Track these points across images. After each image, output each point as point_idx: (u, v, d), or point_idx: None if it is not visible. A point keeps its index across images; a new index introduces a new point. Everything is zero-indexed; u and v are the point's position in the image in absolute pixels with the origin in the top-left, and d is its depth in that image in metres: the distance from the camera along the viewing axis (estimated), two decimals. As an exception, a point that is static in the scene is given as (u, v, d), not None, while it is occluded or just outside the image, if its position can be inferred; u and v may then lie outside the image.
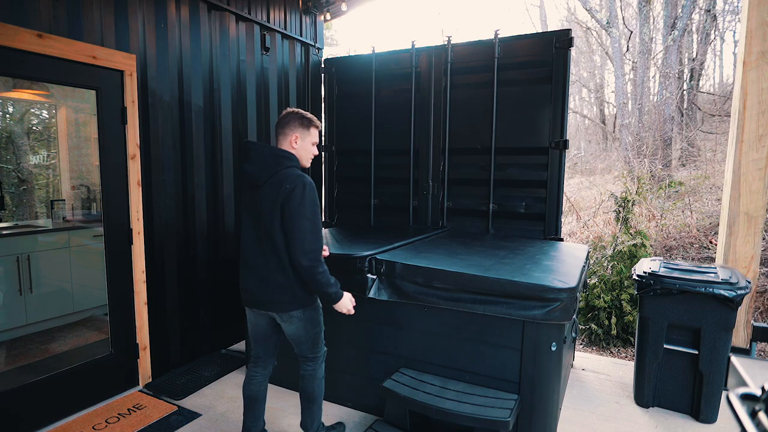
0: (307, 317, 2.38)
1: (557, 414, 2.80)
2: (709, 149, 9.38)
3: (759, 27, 3.49)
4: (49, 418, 2.90)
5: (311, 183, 2.26)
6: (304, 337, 2.42)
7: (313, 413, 2.55)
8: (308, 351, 2.48)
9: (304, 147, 2.40)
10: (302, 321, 2.37)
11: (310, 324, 2.41)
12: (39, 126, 5.09)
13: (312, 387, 2.51)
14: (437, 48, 4.49)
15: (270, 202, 2.24)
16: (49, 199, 4.84)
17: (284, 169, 2.27)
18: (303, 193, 2.19)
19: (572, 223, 8.17)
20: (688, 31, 10.38)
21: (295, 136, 2.36)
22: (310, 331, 2.42)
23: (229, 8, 3.98)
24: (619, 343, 4.59)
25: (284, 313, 2.33)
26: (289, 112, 2.40)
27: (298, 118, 2.37)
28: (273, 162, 2.28)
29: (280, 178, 2.24)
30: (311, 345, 2.47)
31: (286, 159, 2.30)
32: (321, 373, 2.54)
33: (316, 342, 2.48)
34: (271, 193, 2.24)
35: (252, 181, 2.31)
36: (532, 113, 4.09)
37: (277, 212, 2.22)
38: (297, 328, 2.38)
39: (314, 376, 2.51)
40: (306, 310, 2.36)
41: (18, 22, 2.56)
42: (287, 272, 2.27)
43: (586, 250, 3.60)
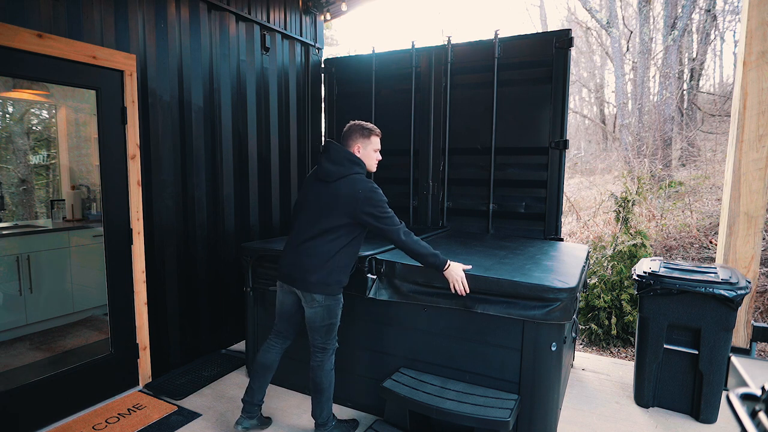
0: (327, 305, 2.58)
1: (557, 414, 2.80)
2: (709, 149, 9.38)
3: (759, 27, 3.49)
4: (49, 418, 2.90)
5: (376, 187, 2.57)
6: (319, 323, 2.60)
7: (321, 404, 2.69)
8: (320, 340, 2.64)
9: (366, 154, 2.70)
10: (322, 307, 2.57)
11: (327, 313, 2.59)
12: (39, 126, 5.09)
13: (320, 377, 2.65)
14: (437, 48, 4.49)
15: (340, 198, 2.51)
16: (49, 199, 4.84)
17: (354, 174, 2.58)
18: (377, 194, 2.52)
19: (572, 223, 8.18)
20: (688, 31, 10.38)
21: (357, 145, 2.66)
22: (326, 320, 2.61)
23: (229, 8, 3.98)
24: (619, 343, 4.59)
25: (308, 294, 2.55)
26: (352, 124, 2.71)
27: (359, 129, 2.68)
28: (348, 165, 2.59)
29: (351, 181, 2.54)
30: (324, 334, 2.63)
31: (357, 165, 2.61)
32: (329, 365, 2.68)
33: (329, 333, 2.64)
34: (343, 191, 2.52)
35: (323, 177, 2.60)
36: (532, 113, 4.09)
37: (345, 209, 2.50)
38: (315, 312, 2.58)
39: (322, 367, 2.65)
40: (327, 298, 2.57)
41: (18, 22, 2.56)
42: (325, 260, 2.52)
43: (586, 250, 3.60)
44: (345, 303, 3.07)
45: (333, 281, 2.55)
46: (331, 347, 2.68)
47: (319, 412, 2.71)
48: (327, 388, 2.68)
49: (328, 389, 2.69)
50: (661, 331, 3.06)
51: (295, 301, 2.70)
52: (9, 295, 3.95)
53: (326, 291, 2.55)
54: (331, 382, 2.69)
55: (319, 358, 2.66)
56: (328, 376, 2.67)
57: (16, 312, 3.97)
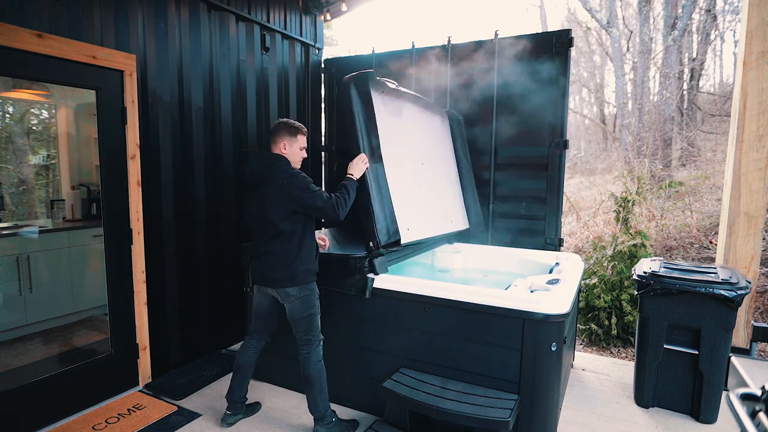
0: (303, 297, 2.72)
1: (557, 414, 2.80)
2: (709, 149, 9.38)
3: (759, 27, 3.49)
4: (49, 418, 2.89)
5: (298, 171, 2.71)
6: (299, 316, 2.73)
7: (315, 396, 2.76)
8: (303, 333, 2.76)
9: (293, 152, 2.79)
10: (298, 299, 2.71)
11: (304, 304, 2.73)
12: (39, 126, 5.09)
13: (309, 370, 2.75)
14: (437, 48, 4.48)
15: (269, 197, 2.63)
16: (49, 199, 4.84)
17: (276, 169, 2.68)
18: (298, 178, 2.64)
19: (572, 223, 8.18)
20: (688, 31, 10.37)
21: (284, 143, 2.75)
22: (305, 311, 2.74)
23: (229, 8, 3.98)
24: (619, 343, 4.59)
25: (282, 290, 2.70)
26: (279, 122, 2.81)
27: (286, 126, 2.78)
28: (268, 165, 2.71)
29: (274, 177, 2.65)
30: (306, 326, 2.75)
31: (278, 161, 2.71)
32: (316, 356, 2.76)
33: (311, 324, 2.76)
34: (269, 190, 2.64)
35: (253, 185, 2.74)
36: (532, 113, 4.09)
37: (278, 203, 2.62)
38: (293, 306, 2.72)
39: (309, 359, 2.75)
40: (301, 289, 2.71)
41: (18, 22, 2.56)
42: (287, 257, 2.66)
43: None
44: (345, 303, 3.08)
45: (301, 272, 2.69)
46: (316, 339, 2.77)
47: (315, 405, 2.77)
48: (318, 380, 2.75)
49: (319, 380, 2.76)
50: (661, 331, 3.06)
51: (271, 302, 2.85)
52: (9, 295, 3.95)
53: (297, 282, 2.69)
54: (320, 373, 2.76)
55: (306, 351, 2.76)
56: (316, 367, 2.75)
57: (16, 312, 3.97)
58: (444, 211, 3.77)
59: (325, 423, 2.78)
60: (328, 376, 2.79)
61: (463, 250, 4.11)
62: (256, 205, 2.71)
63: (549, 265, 3.56)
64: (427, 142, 3.76)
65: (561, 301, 2.55)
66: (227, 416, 2.94)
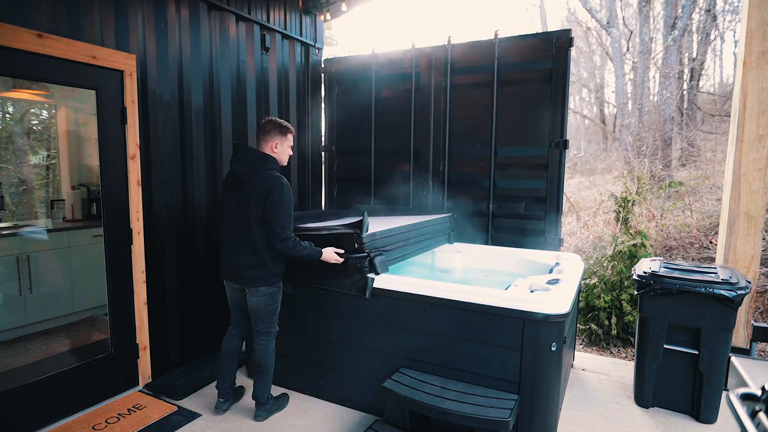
0: (270, 293, 2.85)
1: (557, 414, 2.80)
2: (709, 149, 9.38)
3: (759, 27, 3.49)
4: (49, 418, 2.89)
5: (287, 184, 2.74)
6: (262, 310, 2.87)
7: (264, 383, 2.97)
8: (264, 325, 2.91)
9: (282, 151, 2.86)
10: (266, 296, 2.84)
11: (270, 300, 2.87)
12: (39, 126, 5.09)
13: (264, 359, 2.92)
14: (437, 48, 4.48)
15: (253, 197, 2.69)
16: (49, 199, 4.84)
17: (266, 170, 2.72)
18: (281, 192, 2.68)
19: (572, 223, 8.18)
20: (688, 31, 10.37)
21: (275, 142, 2.81)
22: (269, 306, 2.88)
23: (229, 8, 3.98)
24: (619, 343, 4.59)
25: (253, 288, 2.81)
26: (269, 121, 2.84)
27: (277, 126, 2.82)
28: (257, 163, 2.74)
29: (262, 178, 2.69)
30: (267, 319, 2.90)
31: (267, 161, 2.76)
32: (272, 347, 2.96)
33: (272, 318, 2.92)
34: (254, 189, 2.69)
35: (238, 178, 2.77)
36: (532, 113, 4.09)
37: (257, 205, 2.68)
38: (259, 300, 2.85)
39: (266, 349, 2.93)
40: (271, 287, 2.84)
41: (18, 22, 2.56)
42: (259, 254, 2.76)
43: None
44: (345, 303, 3.08)
45: (273, 273, 2.82)
46: (273, 331, 2.96)
47: (262, 392, 2.97)
48: (270, 369, 2.96)
49: (271, 369, 2.97)
50: (661, 331, 3.06)
51: (241, 295, 2.97)
52: (9, 295, 3.95)
53: (270, 282, 2.82)
54: (272, 363, 2.97)
55: (264, 341, 2.92)
56: (271, 357, 2.95)
57: (16, 312, 3.97)
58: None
59: (266, 408, 3.00)
60: (329, 376, 2.80)
61: (463, 250, 4.11)
62: (237, 202, 2.76)
63: (549, 265, 3.56)
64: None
65: (561, 301, 2.55)
66: (220, 403, 3.07)
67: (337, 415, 3.07)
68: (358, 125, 4.93)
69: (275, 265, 2.83)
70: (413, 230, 3.58)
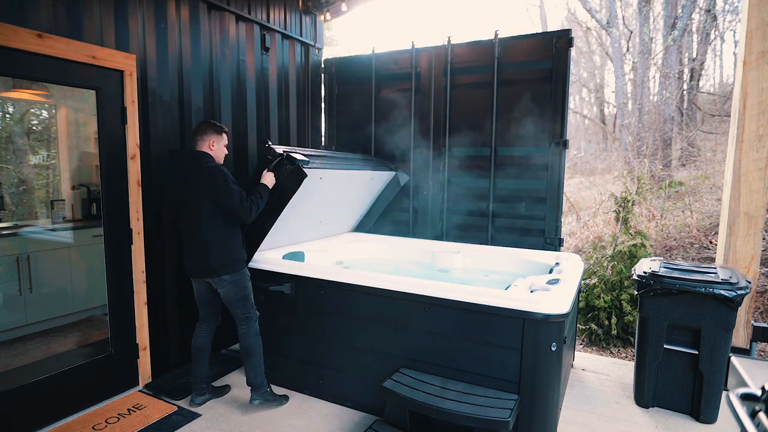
0: (235, 281, 2.99)
1: (557, 414, 2.80)
2: (709, 149, 9.38)
3: (759, 27, 3.49)
4: (49, 418, 2.90)
5: (223, 167, 2.93)
6: (234, 298, 3.01)
7: (254, 367, 3.08)
8: (240, 312, 3.05)
9: (219, 149, 3.03)
10: (231, 284, 2.98)
11: (238, 287, 3.01)
12: (39, 126, 5.09)
13: (248, 343, 3.06)
14: (437, 48, 4.48)
15: (198, 191, 2.85)
16: (49, 199, 4.83)
17: (203, 163, 2.89)
18: (223, 174, 2.86)
19: (572, 223, 8.18)
20: (688, 31, 10.37)
21: (212, 141, 2.98)
22: (239, 293, 3.02)
23: (229, 8, 3.98)
24: (619, 343, 4.59)
25: (217, 278, 2.95)
26: (205, 122, 3.02)
27: (213, 126, 3.00)
28: (197, 161, 2.90)
29: (203, 171, 2.86)
30: (242, 305, 3.04)
31: (205, 157, 2.92)
32: (254, 330, 3.10)
33: (246, 302, 3.06)
34: (200, 182, 2.85)
35: (183, 178, 2.92)
36: (532, 113, 4.09)
37: (205, 195, 2.84)
38: (227, 290, 2.99)
39: (249, 333, 3.07)
40: (234, 275, 2.97)
41: (18, 22, 2.56)
42: (217, 246, 2.91)
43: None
44: (345, 303, 3.08)
45: (233, 260, 2.96)
46: (253, 315, 3.09)
47: (254, 376, 3.08)
48: (257, 352, 3.08)
49: (258, 353, 3.08)
50: (661, 331, 3.06)
51: (208, 289, 3.08)
52: (9, 295, 3.95)
53: (231, 270, 2.95)
54: (259, 345, 3.09)
55: (245, 326, 3.07)
56: (255, 340, 3.08)
57: (16, 312, 3.97)
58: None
59: (261, 392, 3.09)
60: (329, 376, 2.79)
61: (463, 250, 4.11)
62: (186, 200, 2.91)
63: (549, 265, 3.56)
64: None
65: (561, 301, 2.55)
66: (194, 397, 3.17)
67: (337, 415, 3.08)
68: (358, 125, 4.93)
69: (235, 251, 2.98)
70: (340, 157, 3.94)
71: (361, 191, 4.44)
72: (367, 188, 4.46)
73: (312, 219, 4.03)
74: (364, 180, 4.25)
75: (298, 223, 3.81)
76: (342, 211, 4.46)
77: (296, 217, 3.69)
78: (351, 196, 4.35)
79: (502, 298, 2.58)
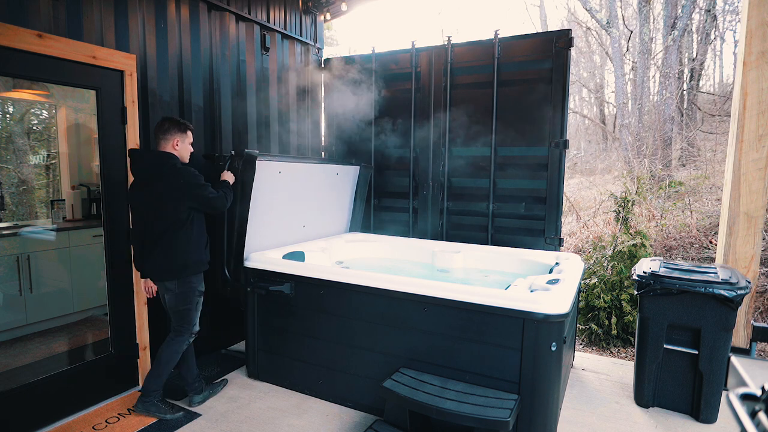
0: (181, 291, 2.89)
1: (557, 414, 2.80)
2: (709, 149, 9.38)
3: (759, 27, 3.49)
4: (49, 418, 2.89)
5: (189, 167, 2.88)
6: (175, 308, 2.93)
7: (152, 374, 2.94)
8: (177, 323, 2.96)
9: (184, 148, 2.94)
10: (175, 293, 2.89)
11: (181, 299, 2.91)
12: (39, 126, 5.09)
13: (163, 351, 2.94)
14: (437, 48, 4.49)
15: (166, 192, 2.77)
16: (49, 199, 4.84)
17: (169, 166, 2.80)
18: (191, 174, 2.81)
19: (572, 223, 8.17)
20: (688, 31, 10.37)
21: (176, 140, 2.88)
22: (181, 306, 2.92)
23: (229, 8, 3.98)
24: (619, 343, 4.59)
25: (161, 282, 2.91)
26: (167, 119, 2.90)
27: (176, 124, 2.89)
28: (162, 161, 2.82)
29: (167, 173, 2.78)
30: (180, 318, 2.94)
31: (169, 159, 2.83)
32: (175, 347, 2.95)
33: (184, 318, 2.94)
34: (162, 185, 2.77)
35: (145, 179, 2.82)
36: (532, 113, 4.09)
37: (170, 199, 2.77)
38: (170, 297, 2.91)
39: (170, 343, 2.95)
40: (180, 285, 2.88)
41: (18, 22, 2.56)
42: (169, 249, 2.82)
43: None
44: (345, 303, 3.08)
45: (178, 267, 2.85)
46: (186, 332, 2.96)
47: (147, 381, 2.96)
48: (164, 364, 2.93)
49: (165, 366, 2.93)
50: (661, 331, 3.06)
51: (164, 294, 2.99)
52: (9, 295, 3.95)
53: (176, 277, 2.86)
54: (169, 360, 2.94)
55: (171, 336, 2.97)
56: (168, 353, 2.93)
57: (17, 312, 3.97)
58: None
59: (145, 400, 2.95)
60: (329, 376, 2.78)
61: (463, 250, 4.11)
62: (146, 201, 2.82)
63: (549, 265, 3.56)
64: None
65: (561, 301, 2.55)
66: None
67: (337, 415, 3.08)
68: (358, 125, 4.93)
69: (180, 256, 2.85)
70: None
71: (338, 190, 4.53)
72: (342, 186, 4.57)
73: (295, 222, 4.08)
74: (331, 176, 4.34)
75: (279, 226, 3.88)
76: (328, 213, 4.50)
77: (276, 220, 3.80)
78: (328, 195, 4.42)
79: (502, 298, 2.58)
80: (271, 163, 3.51)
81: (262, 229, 3.62)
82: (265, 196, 3.54)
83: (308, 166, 4.01)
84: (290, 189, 3.85)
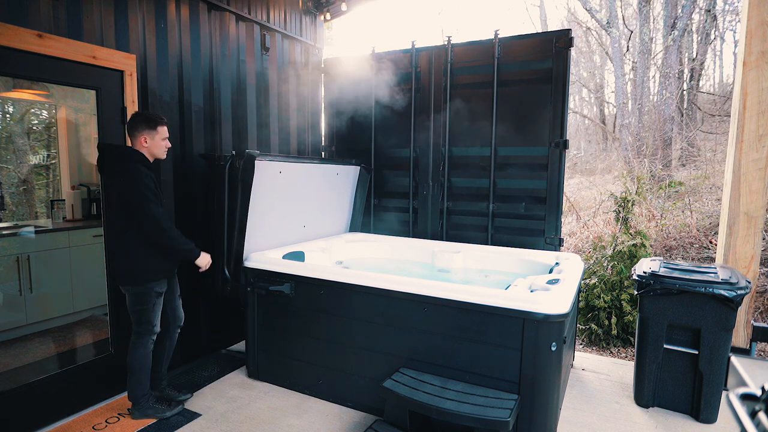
0: (134, 293, 2.82)
1: (557, 414, 2.80)
2: (709, 149, 9.38)
3: (759, 27, 3.49)
4: (49, 418, 2.89)
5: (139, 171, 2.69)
6: (130, 309, 2.87)
7: (131, 384, 2.90)
8: (133, 324, 2.90)
9: (154, 144, 2.82)
10: (130, 295, 2.84)
11: (135, 300, 2.83)
12: (39, 126, 5.09)
13: (129, 359, 2.89)
14: (437, 48, 4.48)
15: (116, 192, 2.72)
16: (49, 199, 4.84)
17: (126, 164, 2.71)
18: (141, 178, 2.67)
19: (572, 223, 8.17)
20: (688, 31, 10.37)
21: (144, 137, 2.78)
22: (134, 307, 2.85)
23: (229, 8, 3.98)
24: (619, 343, 4.59)
25: (120, 285, 2.85)
26: (136, 115, 2.84)
27: (144, 120, 2.79)
28: (120, 161, 2.74)
29: (121, 172, 2.69)
30: (135, 320, 2.87)
31: (129, 156, 2.75)
32: (138, 351, 2.88)
33: (139, 320, 2.87)
34: (116, 183, 2.71)
35: (102, 175, 2.81)
36: (532, 113, 4.09)
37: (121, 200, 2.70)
38: (127, 299, 2.86)
39: (133, 347, 2.89)
40: (133, 288, 2.81)
41: (18, 22, 2.56)
42: (126, 251, 2.76)
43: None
44: (345, 302, 3.08)
45: (139, 270, 2.77)
46: (145, 332, 2.88)
47: (131, 391, 2.92)
48: (136, 371, 2.87)
49: (138, 372, 2.88)
50: (661, 331, 3.06)
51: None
52: (9, 295, 3.95)
53: (130, 282, 2.79)
54: (141, 366, 2.88)
55: (132, 340, 2.90)
56: (134, 358, 2.87)
57: (16, 312, 3.97)
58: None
59: (138, 407, 2.93)
60: (329, 376, 2.78)
61: (463, 250, 4.12)
62: (107, 199, 2.82)
63: (549, 265, 3.56)
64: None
65: (561, 301, 2.55)
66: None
67: (337, 415, 3.08)
68: (358, 125, 4.93)
69: (143, 261, 2.76)
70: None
71: (338, 190, 4.54)
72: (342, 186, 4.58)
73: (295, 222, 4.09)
74: (332, 176, 4.35)
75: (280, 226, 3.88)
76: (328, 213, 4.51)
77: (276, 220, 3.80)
78: (328, 195, 4.43)
79: (502, 298, 2.58)
80: (271, 163, 3.51)
81: (262, 229, 3.62)
82: (265, 196, 3.54)
83: (308, 166, 4.02)
84: (290, 189, 3.85)
